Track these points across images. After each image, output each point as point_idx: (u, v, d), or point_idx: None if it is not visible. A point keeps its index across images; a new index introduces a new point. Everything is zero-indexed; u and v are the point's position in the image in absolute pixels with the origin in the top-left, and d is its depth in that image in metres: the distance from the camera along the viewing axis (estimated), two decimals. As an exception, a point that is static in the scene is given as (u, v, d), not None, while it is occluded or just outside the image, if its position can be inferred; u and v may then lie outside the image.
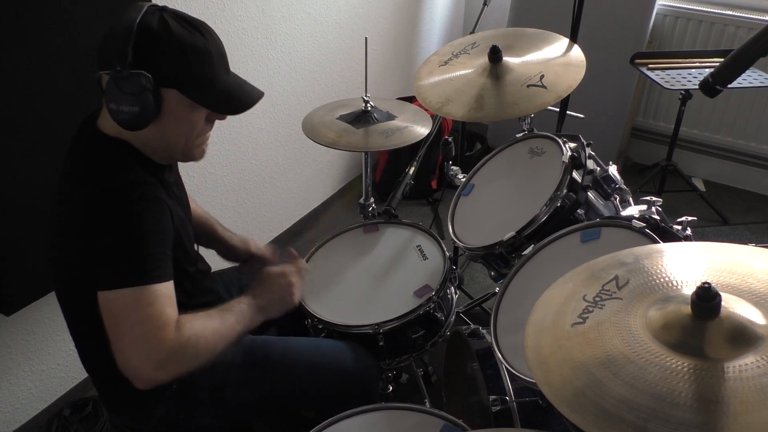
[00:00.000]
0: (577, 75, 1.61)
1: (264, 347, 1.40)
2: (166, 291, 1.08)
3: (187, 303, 1.26)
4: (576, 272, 0.98)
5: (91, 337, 1.25)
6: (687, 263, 0.93)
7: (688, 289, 0.82)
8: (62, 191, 1.16)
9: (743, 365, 0.73)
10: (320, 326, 1.54)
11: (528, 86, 1.61)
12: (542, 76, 1.62)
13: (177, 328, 1.07)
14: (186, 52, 1.07)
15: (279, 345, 1.43)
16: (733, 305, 0.79)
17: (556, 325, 0.89)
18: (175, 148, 1.17)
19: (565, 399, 0.77)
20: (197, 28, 1.10)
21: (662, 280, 0.90)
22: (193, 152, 1.20)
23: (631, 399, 0.73)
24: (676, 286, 0.87)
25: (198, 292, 1.33)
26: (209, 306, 1.36)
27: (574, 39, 2.17)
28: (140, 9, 1.06)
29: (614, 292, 0.90)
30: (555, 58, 1.69)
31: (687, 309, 0.79)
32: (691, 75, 2.56)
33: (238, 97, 1.16)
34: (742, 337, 0.76)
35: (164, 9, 1.09)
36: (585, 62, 1.64)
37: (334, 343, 1.49)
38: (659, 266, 0.93)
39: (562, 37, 1.77)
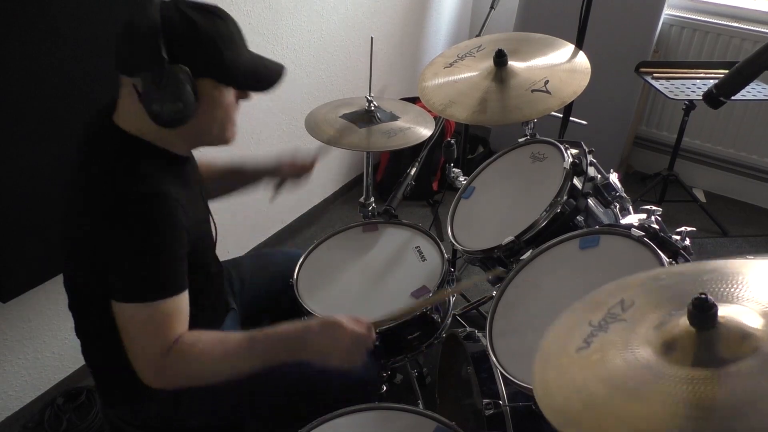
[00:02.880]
0: (582, 81, 1.61)
1: None
2: (174, 306, 1.09)
3: (195, 302, 1.27)
4: (585, 299, 0.98)
5: (93, 330, 1.25)
6: (692, 281, 0.92)
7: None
8: (77, 185, 1.14)
9: (743, 370, 0.73)
10: (316, 324, 1.54)
11: (532, 91, 1.61)
12: (547, 82, 1.62)
13: (174, 345, 1.09)
14: (213, 40, 1.08)
15: None
16: (732, 314, 0.80)
17: (562, 351, 0.89)
18: (210, 134, 1.18)
19: (569, 420, 0.77)
20: (215, 13, 1.10)
21: (666, 297, 0.89)
22: (226, 135, 1.20)
23: (633, 416, 0.73)
24: (680, 302, 0.87)
25: (209, 292, 1.33)
26: (218, 308, 1.35)
27: (580, 45, 2.17)
28: (154, 6, 1.05)
29: (619, 314, 0.90)
30: (560, 64, 1.69)
31: (685, 321, 0.79)
32: (695, 85, 2.56)
33: (264, 74, 1.18)
34: (742, 344, 0.76)
35: (177, 1, 1.08)
36: (590, 69, 1.64)
37: None
38: (665, 285, 0.93)
39: (567, 42, 1.77)
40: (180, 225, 1.11)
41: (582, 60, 1.68)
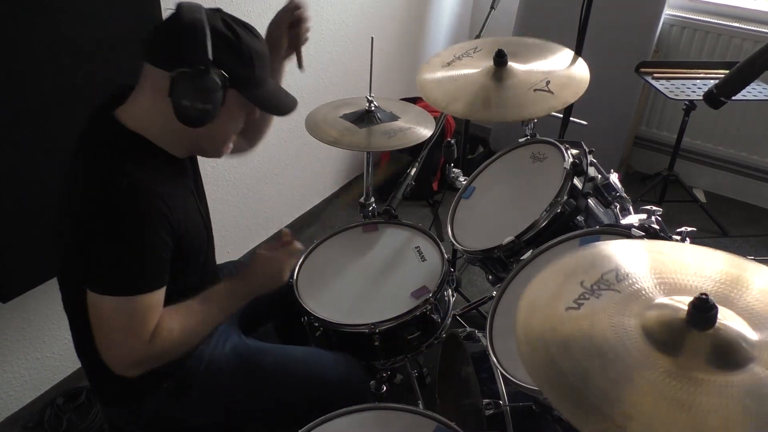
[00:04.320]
0: (582, 84, 1.60)
1: (257, 354, 1.41)
2: (149, 302, 1.10)
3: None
4: (577, 256, 0.98)
5: (86, 328, 1.25)
6: (690, 269, 0.92)
7: (688, 296, 0.82)
8: (71, 178, 1.15)
9: (730, 381, 0.73)
10: (316, 324, 1.54)
11: (534, 90, 1.60)
12: (548, 82, 1.61)
13: (152, 338, 1.11)
14: (251, 55, 1.11)
15: (273, 353, 1.44)
16: (729, 319, 0.79)
17: (550, 305, 0.88)
18: (213, 142, 1.21)
19: (548, 379, 0.77)
20: (253, 32, 1.14)
21: (662, 281, 0.89)
22: (224, 148, 1.23)
23: (614, 393, 0.73)
24: (676, 290, 0.87)
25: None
26: None
27: (580, 46, 2.17)
28: (199, 9, 1.07)
29: (613, 283, 0.89)
30: (558, 71, 1.67)
31: (683, 315, 0.79)
32: (695, 86, 2.56)
33: (283, 100, 1.23)
34: (733, 352, 0.76)
35: (220, 11, 1.13)
36: (588, 76, 1.63)
37: (326, 354, 1.49)
38: (660, 267, 0.92)
39: (565, 48, 1.75)
40: (164, 221, 1.11)
41: (581, 67, 1.67)
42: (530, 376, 0.78)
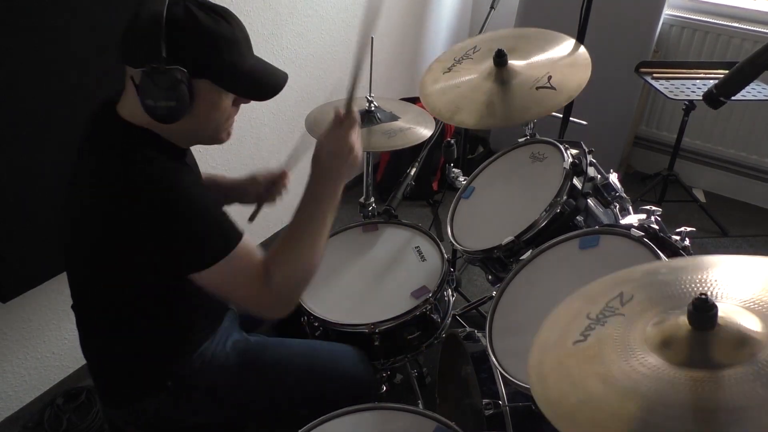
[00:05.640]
0: (584, 73, 1.59)
1: (258, 349, 1.40)
2: (242, 251, 1.14)
3: (192, 302, 1.26)
4: (583, 291, 0.98)
5: (95, 328, 1.26)
6: (694, 278, 0.92)
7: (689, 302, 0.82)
8: (84, 181, 1.14)
9: (741, 374, 0.73)
10: (316, 323, 1.54)
11: (537, 88, 1.60)
12: (550, 77, 1.60)
13: (266, 276, 1.14)
14: (215, 41, 1.07)
15: (273, 347, 1.43)
16: (732, 315, 0.79)
17: (559, 344, 0.89)
18: (205, 133, 1.19)
19: (563, 414, 0.77)
20: (222, 15, 1.09)
21: (666, 294, 0.89)
22: (221, 135, 1.21)
23: (627, 413, 0.73)
24: (680, 300, 0.87)
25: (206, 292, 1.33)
26: (216, 307, 1.35)
27: (580, 45, 2.17)
28: (162, 0, 1.04)
29: (617, 308, 0.89)
30: (560, 59, 1.67)
31: (685, 321, 0.79)
32: (695, 86, 2.56)
33: (265, 82, 1.17)
34: (740, 347, 0.76)
35: None
36: (590, 60, 1.62)
37: (329, 346, 1.49)
38: (665, 281, 0.92)
39: (563, 35, 1.74)
40: (198, 183, 1.14)
41: (581, 51, 1.66)
42: (547, 415, 0.78)
